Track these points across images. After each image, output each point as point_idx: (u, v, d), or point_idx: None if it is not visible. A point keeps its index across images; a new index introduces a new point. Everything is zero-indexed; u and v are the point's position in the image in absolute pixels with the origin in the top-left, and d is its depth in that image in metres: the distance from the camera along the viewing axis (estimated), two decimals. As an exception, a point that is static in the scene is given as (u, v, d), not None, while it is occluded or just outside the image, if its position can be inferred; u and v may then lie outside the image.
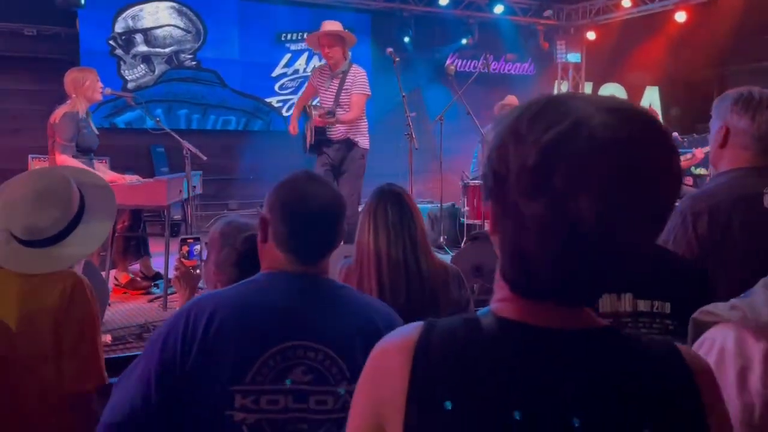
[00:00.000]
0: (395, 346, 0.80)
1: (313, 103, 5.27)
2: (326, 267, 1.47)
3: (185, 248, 2.35)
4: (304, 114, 5.23)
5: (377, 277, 2.02)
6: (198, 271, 2.30)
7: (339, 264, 2.19)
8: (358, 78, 5.05)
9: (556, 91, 10.75)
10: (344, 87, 5.03)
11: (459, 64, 9.70)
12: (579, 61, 10.51)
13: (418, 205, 2.21)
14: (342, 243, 1.73)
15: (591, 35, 9.98)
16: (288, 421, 1.27)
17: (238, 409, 1.24)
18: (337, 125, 5.01)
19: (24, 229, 1.80)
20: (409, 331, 0.81)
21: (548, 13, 9.87)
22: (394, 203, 2.09)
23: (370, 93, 5.10)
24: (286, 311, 1.34)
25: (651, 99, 11.35)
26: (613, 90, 11.32)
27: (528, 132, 0.72)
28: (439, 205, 6.42)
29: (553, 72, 10.64)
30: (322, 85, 5.17)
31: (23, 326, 1.75)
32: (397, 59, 5.12)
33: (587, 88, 10.95)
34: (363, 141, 5.12)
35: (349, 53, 5.16)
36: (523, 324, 0.77)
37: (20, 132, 7.45)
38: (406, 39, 9.10)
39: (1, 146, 7.37)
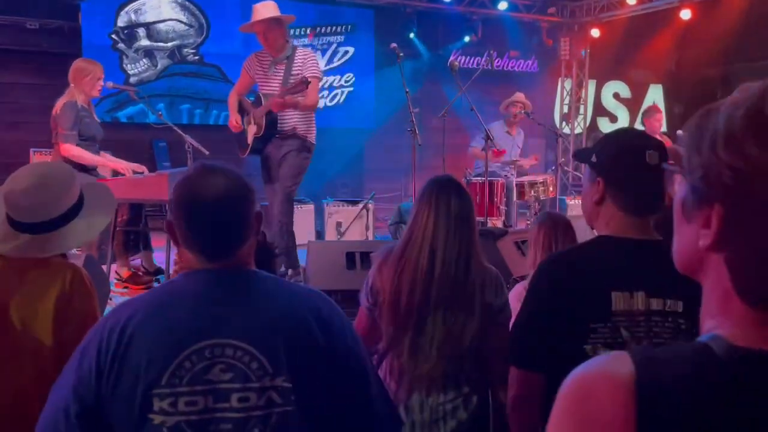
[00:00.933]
0: (604, 385, 0.66)
1: (252, 97, 4.87)
2: (244, 258, 1.39)
3: None
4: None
5: (428, 268, 1.93)
6: None
7: (378, 252, 2.13)
8: (309, 61, 4.66)
9: (559, 88, 10.73)
10: (292, 72, 4.59)
11: (462, 60, 9.67)
12: (583, 57, 10.48)
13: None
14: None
15: (595, 32, 9.95)
16: (210, 421, 1.24)
17: (157, 413, 1.22)
18: (288, 116, 4.61)
19: (24, 210, 1.80)
20: (615, 365, 0.67)
21: (552, 10, 9.84)
22: (457, 195, 2.00)
23: (322, 76, 4.75)
24: (200, 309, 1.30)
25: (655, 97, 11.31)
26: (616, 88, 11.29)
27: None
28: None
29: (556, 69, 10.61)
30: (262, 72, 4.74)
31: (23, 317, 1.75)
32: (401, 55, 5.08)
33: (591, 86, 10.92)
34: (311, 136, 4.77)
35: (290, 36, 4.79)
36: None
37: (22, 125, 7.44)
38: (411, 35, 9.08)
39: (2, 140, 7.36)
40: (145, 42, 8.13)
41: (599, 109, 11.21)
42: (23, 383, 1.75)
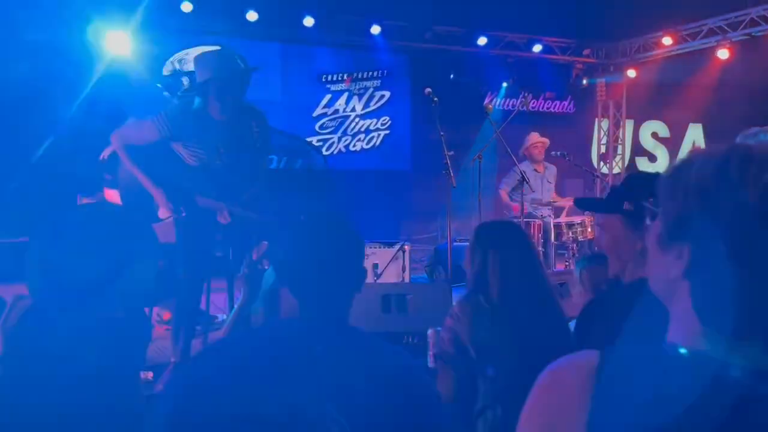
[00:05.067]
0: (572, 371, 0.83)
1: None
2: (346, 311, 1.41)
3: None
4: None
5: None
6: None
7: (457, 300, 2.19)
8: None
9: (596, 128, 10.69)
10: None
11: (497, 102, 9.74)
12: (619, 98, 10.44)
13: (457, 244, 2.21)
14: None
15: (631, 73, 9.93)
16: None
17: None
18: None
19: (71, 278, 1.84)
20: (584, 356, 0.84)
21: (587, 51, 9.87)
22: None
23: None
24: (286, 365, 1.28)
25: (695, 136, 11.17)
26: (655, 128, 11.19)
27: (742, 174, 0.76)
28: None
29: (593, 109, 10.59)
30: None
31: None
32: (435, 99, 5.15)
33: (628, 126, 10.85)
34: None
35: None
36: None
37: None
38: (447, 77, 9.17)
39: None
40: (188, 87, 8.42)
41: (638, 149, 11.11)
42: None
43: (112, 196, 4.62)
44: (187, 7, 7.43)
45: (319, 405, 1.24)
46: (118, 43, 7.33)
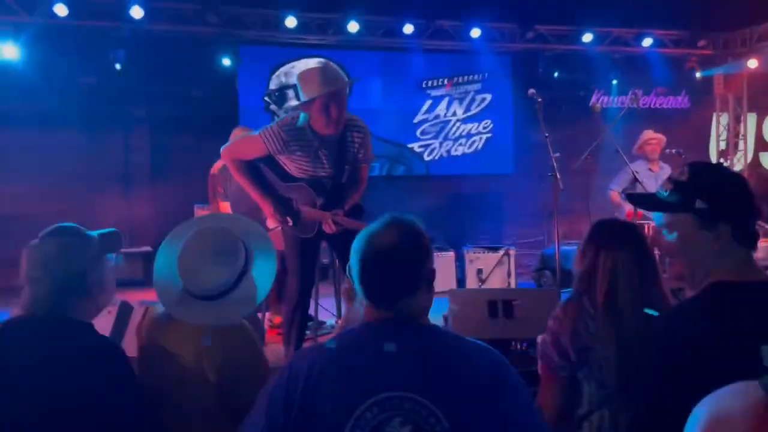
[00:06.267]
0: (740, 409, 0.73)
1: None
2: (419, 311, 1.45)
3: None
4: None
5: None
6: None
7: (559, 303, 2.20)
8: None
9: (714, 124, 10.08)
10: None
11: (605, 100, 9.40)
12: (740, 90, 9.79)
13: (565, 247, 2.17)
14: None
15: (752, 63, 9.27)
16: None
17: None
18: None
19: (198, 286, 1.95)
20: (747, 390, 0.75)
21: (703, 42, 9.31)
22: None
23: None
24: (382, 361, 1.35)
25: (827, 128, 10.28)
26: (781, 120, 10.40)
27: None
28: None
29: (710, 104, 9.99)
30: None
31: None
32: (540, 99, 5.05)
33: (750, 120, 10.15)
34: None
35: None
36: None
37: (187, 185, 8.16)
38: (551, 76, 8.96)
39: (167, 195, 8.11)
40: (294, 102, 8.69)
41: (761, 144, 10.37)
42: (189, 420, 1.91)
43: (225, 207, 4.85)
44: (291, 22, 7.71)
45: (407, 399, 1.29)
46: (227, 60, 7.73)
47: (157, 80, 8.04)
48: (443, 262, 6.91)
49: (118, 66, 7.48)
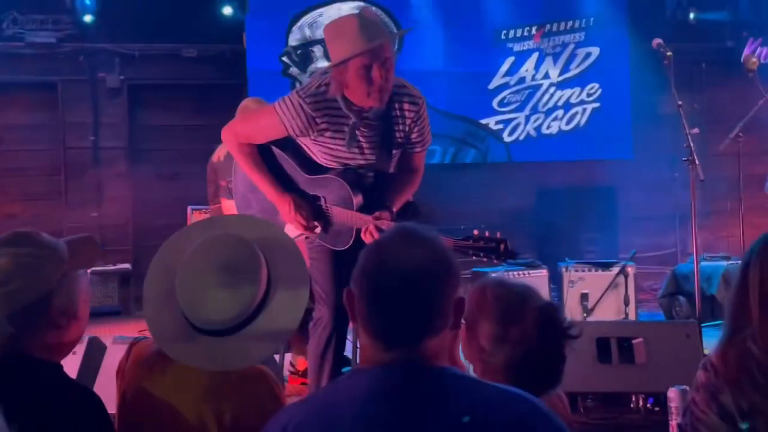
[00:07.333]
0: None
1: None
2: (433, 352, 1.48)
3: None
4: None
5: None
6: None
7: None
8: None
9: None
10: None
11: (764, 53, 9.20)
12: None
13: (706, 263, 2.15)
14: None
15: None
16: None
17: None
18: None
19: (203, 317, 1.96)
20: None
21: None
22: None
23: None
24: (374, 419, 1.40)
25: None
26: None
27: None
28: (739, 261, 6.06)
29: None
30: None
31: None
32: (669, 54, 4.99)
33: None
34: None
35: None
36: None
37: (178, 178, 8.32)
38: (687, 19, 8.82)
39: (156, 197, 8.26)
40: (322, 63, 8.74)
41: None
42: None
43: (229, 207, 4.91)
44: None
45: None
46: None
47: (136, 37, 8.23)
48: (533, 283, 6.86)
49: (87, 18, 7.67)
